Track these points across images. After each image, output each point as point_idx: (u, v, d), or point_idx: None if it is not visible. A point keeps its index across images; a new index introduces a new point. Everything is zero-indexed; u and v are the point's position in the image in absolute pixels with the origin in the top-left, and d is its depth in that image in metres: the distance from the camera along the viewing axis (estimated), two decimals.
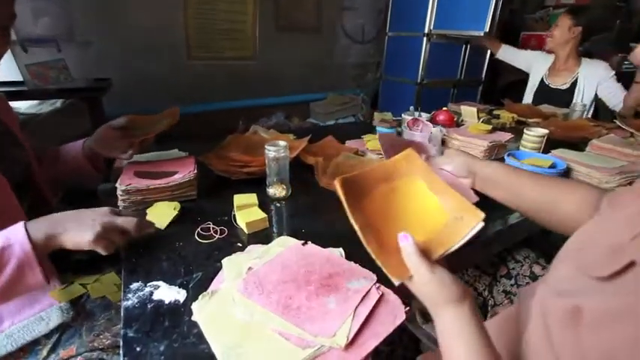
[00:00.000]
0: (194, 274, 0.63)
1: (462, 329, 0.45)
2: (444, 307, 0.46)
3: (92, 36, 2.02)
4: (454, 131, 1.34)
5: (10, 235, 0.59)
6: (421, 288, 0.48)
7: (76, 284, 0.82)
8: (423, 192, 0.62)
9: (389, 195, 0.61)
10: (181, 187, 0.88)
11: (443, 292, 0.46)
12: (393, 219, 0.58)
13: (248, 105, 2.89)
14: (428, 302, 0.48)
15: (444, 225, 0.57)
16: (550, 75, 2.22)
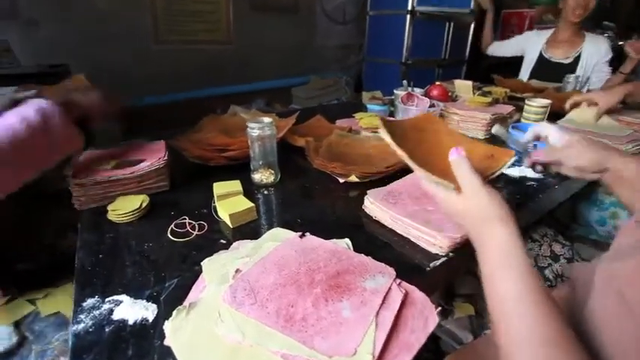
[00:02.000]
0: (167, 282, 0.50)
1: (511, 253, 0.40)
2: (491, 225, 0.43)
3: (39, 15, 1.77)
4: (452, 105, 1.23)
5: (34, 102, 0.60)
6: (470, 201, 0.46)
7: (22, 300, 0.68)
8: (452, 137, 0.69)
9: (420, 138, 0.65)
10: (149, 177, 0.73)
11: (492, 205, 0.44)
12: (428, 157, 0.58)
13: (225, 92, 2.70)
14: (475, 218, 0.45)
15: (476, 162, 0.58)
16: (550, 48, 2.11)
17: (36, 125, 0.58)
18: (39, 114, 0.59)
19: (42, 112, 0.59)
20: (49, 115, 0.60)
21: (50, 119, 0.60)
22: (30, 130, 0.57)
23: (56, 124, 0.61)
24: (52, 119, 0.60)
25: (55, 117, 0.61)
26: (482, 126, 1.13)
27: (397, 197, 0.66)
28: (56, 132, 0.61)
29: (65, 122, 0.62)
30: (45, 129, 0.59)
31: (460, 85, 1.52)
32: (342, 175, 0.78)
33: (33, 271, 0.78)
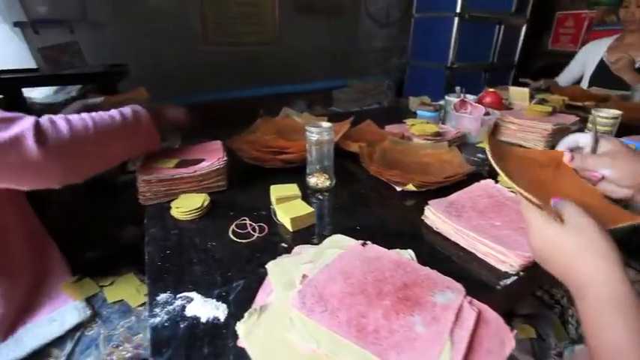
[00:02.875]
0: (234, 282, 0.51)
1: (620, 295, 0.36)
2: (596, 261, 0.38)
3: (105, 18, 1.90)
4: (509, 114, 1.18)
5: (132, 105, 0.71)
6: (571, 234, 0.41)
7: (88, 280, 0.73)
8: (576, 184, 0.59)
9: (535, 171, 0.61)
10: (210, 176, 0.76)
11: (598, 239, 0.40)
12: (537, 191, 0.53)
13: (267, 93, 2.75)
14: (573, 254, 0.40)
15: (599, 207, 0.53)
16: (613, 53, 1.97)
17: (130, 122, 0.67)
18: (135, 115, 0.69)
19: (137, 114, 0.69)
20: (141, 118, 0.70)
21: (142, 121, 0.70)
22: (124, 125, 0.66)
23: (145, 126, 0.71)
24: (143, 122, 0.70)
25: (146, 120, 0.71)
26: (543, 137, 1.07)
27: (460, 210, 0.64)
28: (144, 133, 0.71)
29: (152, 126, 0.72)
30: (136, 128, 0.69)
31: (515, 92, 1.46)
32: (400, 183, 0.76)
33: (99, 260, 0.83)
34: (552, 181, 0.59)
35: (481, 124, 1.12)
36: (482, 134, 1.14)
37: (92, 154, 0.62)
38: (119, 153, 0.69)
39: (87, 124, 0.60)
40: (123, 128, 0.66)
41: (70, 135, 0.57)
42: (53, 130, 0.56)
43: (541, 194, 0.50)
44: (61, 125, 0.57)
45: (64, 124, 0.57)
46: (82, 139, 0.59)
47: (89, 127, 0.60)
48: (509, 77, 3.23)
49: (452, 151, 0.90)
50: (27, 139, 0.51)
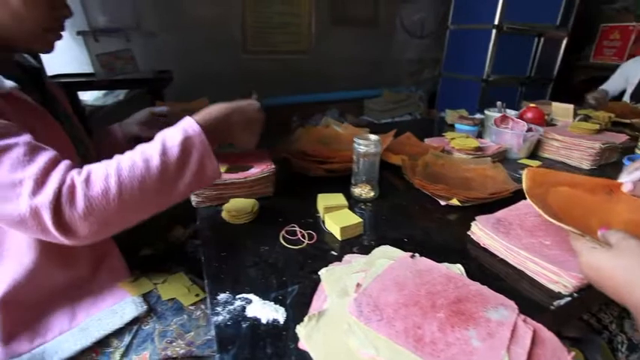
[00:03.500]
0: (289, 287, 0.53)
1: None
2: None
3: (156, 27, 2.03)
4: (552, 130, 1.16)
5: (186, 128, 0.56)
6: (622, 258, 0.42)
7: (144, 279, 0.77)
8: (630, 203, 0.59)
9: (584, 196, 0.62)
10: (259, 182, 0.79)
11: None
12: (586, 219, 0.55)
13: (301, 101, 2.82)
14: (628, 278, 0.40)
15: None
16: None
17: (174, 163, 0.54)
18: (184, 146, 0.55)
19: (188, 142, 0.55)
20: (193, 147, 0.56)
21: (192, 154, 0.55)
22: (165, 170, 0.53)
23: (196, 159, 0.56)
24: (195, 154, 0.56)
25: (199, 151, 0.56)
26: (589, 156, 1.04)
27: (508, 227, 0.64)
28: (194, 170, 0.56)
29: (207, 157, 0.57)
30: (183, 164, 0.55)
31: (558, 108, 1.43)
32: (444, 197, 0.77)
33: (150, 258, 0.87)
34: (605, 208, 0.59)
35: (523, 140, 1.11)
36: (523, 150, 1.13)
37: (126, 216, 0.53)
38: (161, 203, 0.56)
39: (118, 182, 0.50)
40: (163, 174, 0.53)
41: (97, 203, 0.48)
42: (82, 197, 0.48)
43: (592, 222, 0.50)
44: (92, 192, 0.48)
45: (96, 191, 0.48)
46: (111, 204, 0.49)
47: (121, 185, 0.50)
48: (547, 91, 3.14)
49: (496, 167, 0.90)
50: (44, 217, 0.46)
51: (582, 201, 0.61)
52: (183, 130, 0.56)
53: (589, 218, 0.57)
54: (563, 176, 0.67)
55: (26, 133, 0.51)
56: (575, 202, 0.60)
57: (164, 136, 0.55)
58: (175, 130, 0.56)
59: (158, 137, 0.56)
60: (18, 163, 0.47)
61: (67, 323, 0.65)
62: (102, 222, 0.50)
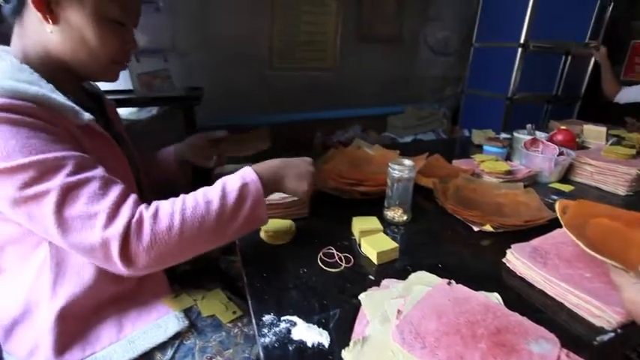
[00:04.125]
0: (331, 310, 0.55)
1: None
2: None
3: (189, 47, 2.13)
4: (585, 154, 1.15)
5: (244, 175, 0.62)
6: None
7: (185, 295, 0.80)
8: None
9: (622, 230, 0.62)
10: (295, 204, 0.82)
11: None
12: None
13: (325, 117, 2.86)
14: None
15: None
16: None
17: (231, 207, 0.58)
18: (241, 193, 0.60)
19: (245, 189, 0.60)
20: (248, 195, 0.60)
21: (246, 200, 0.60)
22: (222, 213, 0.57)
23: (250, 206, 0.60)
24: (249, 201, 0.60)
25: (253, 198, 0.61)
26: (625, 182, 1.03)
27: (545, 257, 0.64)
28: (246, 215, 0.60)
29: (259, 205, 0.62)
30: (237, 209, 0.59)
31: (590, 130, 1.41)
32: (477, 223, 0.78)
33: (189, 273, 0.91)
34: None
35: (555, 165, 1.10)
36: (555, 174, 1.12)
37: (182, 252, 0.57)
38: (214, 242, 0.61)
39: (183, 222, 0.54)
40: (221, 216, 0.57)
41: (161, 238, 0.52)
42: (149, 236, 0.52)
43: (632, 255, 0.50)
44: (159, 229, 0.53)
45: (161, 227, 0.53)
46: (173, 240, 0.53)
47: (184, 223, 0.54)
48: (575, 109, 3.09)
49: (528, 192, 0.90)
50: (112, 248, 0.50)
51: (622, 234, 0.61)
52: (242, 177, 0.62)
53: (629, 251, 0.57)
54: (600, 208, 0.68)
55: (100, 166, 0.56)
56: (615, 234, 0.60)
57: (225, 181, 0.61)
58: (235, 177, 0.62)
59: (220, 182, 0.62)
60: (94, 196, 0.51)
61: (115, 334, 0.69)
62: (161, 256, 0.54)
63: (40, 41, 0.61)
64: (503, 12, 2.70)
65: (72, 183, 0.51)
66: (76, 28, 0.61)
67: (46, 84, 0.58)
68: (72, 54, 0.63)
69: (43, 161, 0.50)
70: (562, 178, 1.15)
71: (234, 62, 2.44)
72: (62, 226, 0.50)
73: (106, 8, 0.61)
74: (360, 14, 2.81)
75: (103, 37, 0.63)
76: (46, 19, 0.58)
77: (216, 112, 2.41)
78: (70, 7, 0.59)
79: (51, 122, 0.54)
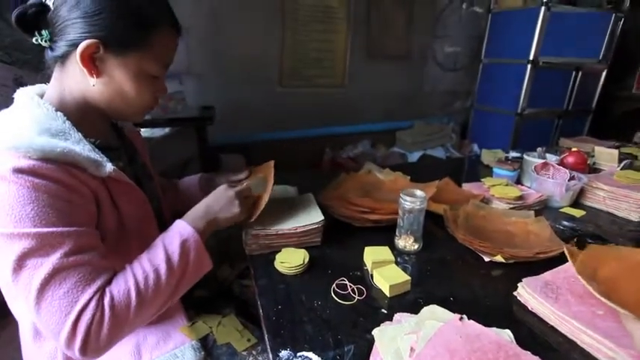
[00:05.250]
0: (345, 346, 0.57)
1: None
2: None
3: (203, 68, 2.20)
4: (597, 179, 1.15)
5: (181, 231, 0.66)
6: None
7: (201, 323, 0.82)
8: None
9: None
10: (308, 233, 0.84)
11: None
12: None
13: (334, 132, 2.90)
14: None
15: None
16: None
17: (177, 267, 0.63)
18: (183, 251, 0.64)
19: (185, 245, 0.65)
20: (190, 250, 0.65)
21: (189, 252, 0.65)
22: (171, 275, 0.61)
23: (193, 260, 0.65)
24: (192, 256, 0.65)
25: (195, 251, 0.66)
26: (638, 207, 1.03)
27: (557, 291, 0.65)
28: (192, 270, 0.66)
29: (202, 251, 0.67)
30: (184, 267, 0.64)
31: (602, 152, 1.41)
32: (488, 254, 0.79)
33: (205, 298, 0.93)
34: None
35: (566, 190, 1.10)
36: (566, 199, 1.12)
37: (140, 322, 0.61)
38: (167, 302, 0.64)
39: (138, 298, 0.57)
40: (171, 277, 0.62)
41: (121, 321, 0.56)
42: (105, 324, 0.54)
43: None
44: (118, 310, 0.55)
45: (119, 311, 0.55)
46: (131, 318, 0.57)
47: (140, 298, 0.57)
48: (586, 124, 3.07)
49: (539, 221, 0.91)
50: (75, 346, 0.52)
51: (634, 275, 0.62)
52: (180, 234, 0.66)
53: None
54: (612, 251, 0.68)
55: (97, 246, 0.59)
56: (627, 276, 0.61)
57: (164, 242, 0.64)
58: (174, 235, 0.66)
59: (159, 243, 0.64)
60: (80, 282, 0.54)
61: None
62: (121, 334, 0.57)
63: (79, 89, 0.65)
64: (512, 29, 2.72)
65: (65, 264, 0.53)
66: (117, 83, 0.65)
67: (75, 133, 0.61)
68: (109, 103, 0.67)
69: (47, 235, 0.52)
70: (574, 202, 1.15)
71: (246, 81, 2.50)
72: (40, 304, 0.52)
73: (148, 66, 0.66)
74: (369, 32, 2.86)
75: (140, 90, 0.67)
76: (91, 74, 0.62)
77: (228, 130, 2.46)
78: (115, 65, 0.63)
79: (71, 186, 0.57)
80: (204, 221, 0.71)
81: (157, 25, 0.65)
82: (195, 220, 0.70)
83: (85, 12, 0.59)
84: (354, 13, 2.75)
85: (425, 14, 3.01)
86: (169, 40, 0.68)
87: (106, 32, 0.60)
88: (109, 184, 0.65)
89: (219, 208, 0.75)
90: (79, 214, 0.58)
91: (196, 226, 0.69)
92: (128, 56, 0.63)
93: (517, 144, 2.77)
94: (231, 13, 2.33)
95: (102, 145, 0.69)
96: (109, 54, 0.62)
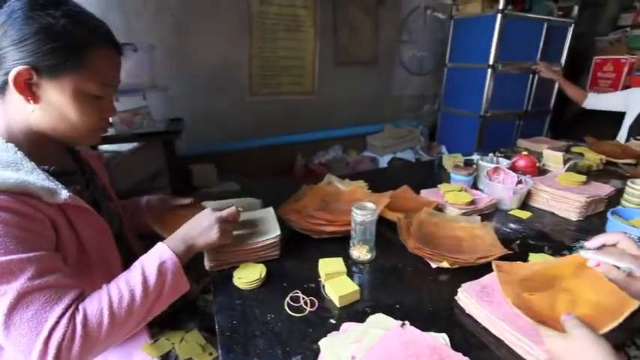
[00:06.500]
0: (292, 357, 0.60)
1: None
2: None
3: (168, 80, 2.20)
4: (541, 181, 1.23)
5: (160, 254, 0.69)
6: (575, 344, 0.50)
7: (164, 340, 0.84)
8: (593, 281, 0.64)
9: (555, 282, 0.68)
10: (267, 248, 0.87)
11: (595, 350, 0.48)
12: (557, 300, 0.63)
13: (306, 139, 2.95)
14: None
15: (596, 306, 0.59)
16: None
17: (153, 289, 0.64)
18: (160, 273, 0.66)
19: (163, 267, 0.67)
20: (167, 271, 0.67)
21: (167, 277, 0.67)
22: (146, 296, 0.63)
23: (170, 282, 0.67)
24: (169, 277, 0.67)
25: (172, 273, 0.67)
26: (576, 208, 1.11)
27: (491, 294, 0.71)
28: (167, 292, 0.67)
29: (180, 274, 0.69)
30: (160, 289, 0.66)
31: (549, 155, 1.50)
32: (435, 260, 0.84)
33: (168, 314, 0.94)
34: (574, 291, 0.64)
35: (513, 193, 1.18)
36: (514, 202, 1.20)
37: (113, 342, 0.62)
38: (142, 322, 0.66)
39: (110, 317, 0.59)
40: (146, 298, 0.63)
41: (93, 339, 0.57)
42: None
43: (560, 302, 0.57)
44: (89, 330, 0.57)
45: (91, 328, 0.57)
46: (103, 336, 0.58)
47: (113, 318, 0.59)
48: (545, 124, 3.23)
49: (484, 226, 0.97)
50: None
51: (553, 281, 0.68)
52: (159, 257, 0.68)
53: (557, 298, 0.64)
54: (530, 267, 0.75)
55: (60, 267, 0.61)
56: (546, 282, 0.67)
57: (142, 264, 0.67)
58: (152, 257, 0.68)
59: (138, 265, 0.67)
60: (47, 303, 0.55)
61: None
62: (93, 351, 0.59)
63: (22, 118, 0.66)
64: (473, 35, 2.84)
65: (29, 288, 0.54)
66: (57, 106, 0.66)
67: (27, 162, 0.62)
68: (54, 128, 0.68)
69: (7, 263, 0.54)
70: (522, 204, 1.23)
71: (215, 91, 2.51)
72: (8, 328, 0.53)
73: (85, 87, 0.67)
74: (337, 38, 2.92)
75: (83, 112, 0.68)
76: (27, 100, 0.63)
77: (198, 140, 2.46)
78: (51, 89, 0.64)
79: (26, 214, 0.58)
80: (183, 244, 0.73)
81: (89, 45, 0.66)
82: (175, 243, 0.72)
83: (12, 40, 0.60)
84: (320, 20, 2.80)
85: (391, 20, 3.10)
86: (105, 59, 0.69)
87: (35, 57, 0.61)
88: (66, 210, 0.66)
89: (197, 233, 0.76)
90: (38, 240, 0.59)
91: (175, 248, 0.70)
92: (62, 79, 0.64)
93: (482, 145, 2.89)
94: (196, 25, 2.34)
95: (57, 171, 0.70)
96: (43, 79, 0.63)
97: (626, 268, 0.61)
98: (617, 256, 0.61)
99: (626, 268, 0.61)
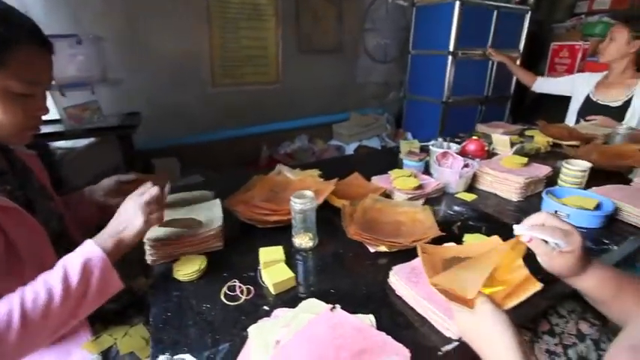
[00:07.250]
0: (220, 345, 0.61)
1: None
2: (490, 342, 0.51)
3: (123, 73, 2.12)
4: (486, 164, 1.28)
5: (85, 251, 0.66)
6: (476, 317, 0.54)
7: (106, 336, 0.83)
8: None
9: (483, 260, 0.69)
10: (208, 239, 0.87)
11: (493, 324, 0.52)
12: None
13: (271, 129, 2.93)
14: (479, 334, 0.54)
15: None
16: (598, 91, 2.06)
17: (75, 288, 0.62)
18: (84, 271, 0.63)
19: (88, 265, 0.64)
20: (93, 268, 0.65)
21: (93, 271, 0.65)
22: (67, 297, 0.61)
23: (98, 279, 0.65)
24: (96, 274, 0.65)
25: (101, 270, 0.65)
26: (516, 189, 1.16)
27: (419, 275, 0.73)
28: (96, 290, 0.65)
29: (109, 270, 0.67)
30: (85, 288, 0.64)
31: (498, 139, 1.56)
32: (373, 245, 0.86)
33: (114, 310, 0.94)
34: (487, 270, 0.65)
35: (459, 177, 1.22)
36: (460, 185, 1.24)
37: (31, 345, 0.60)
38: (66, 324, 0.64)
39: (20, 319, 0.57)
40: (67, 299, 0.61)
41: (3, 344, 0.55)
42: None
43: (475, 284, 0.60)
44: None
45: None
46: (14, 339, 0.56)
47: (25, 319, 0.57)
48: (506, 109, 3.33)
49: (425, 210, 1.00)
50: None
51: (470, 262, 0.71)
52: (83, 254, 0.65)
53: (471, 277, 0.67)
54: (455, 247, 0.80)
55: None
56: (464, 262, 0.70)
57: (65, 263, 0.64)
58: (76, 255, 0.65)
59: (60, 263, 0.64)
60: None
61: None
62: (5, 357, 0.57)
63: None
64: (434, 22, 2.88)
65: None
66: None
67: None
68: None
69: None
70: (469, 187, 1.27)
71: (175, 83, 2.45)
72: None
73: (9, 85, 0.64)
74: (300, 27, 2.89)
75: (7, 111, 0.66)
76: None
77: (158, 134, 2.40)
78: None
79: None
80: (111, 240, 0.70)
81: (11, 43, 0.64)
82: (104, 239, 0.70)
83: None
84: (282, 8, 2.76)
85: (353, 8, 3.09)
86: (30, 56, 0.67)
87: None
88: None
89: (123, 227, 0.72)
90: None
91: (103, 244, 0.68)
92: None
93: (445, 131, 2.95)
94: (152, 16, 2.26)
95: None
96: None
97: (554, 244, 0.64)
98: (550, 232, 0.64)
99: (554, 243, 0.64)
